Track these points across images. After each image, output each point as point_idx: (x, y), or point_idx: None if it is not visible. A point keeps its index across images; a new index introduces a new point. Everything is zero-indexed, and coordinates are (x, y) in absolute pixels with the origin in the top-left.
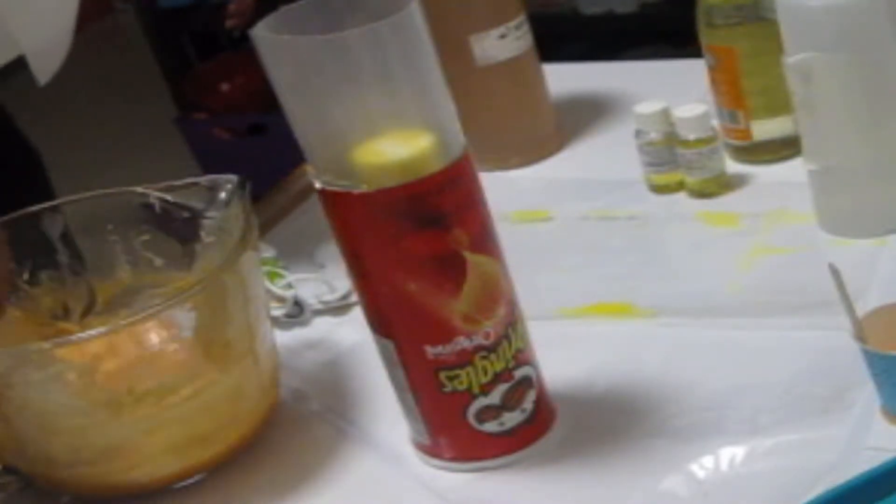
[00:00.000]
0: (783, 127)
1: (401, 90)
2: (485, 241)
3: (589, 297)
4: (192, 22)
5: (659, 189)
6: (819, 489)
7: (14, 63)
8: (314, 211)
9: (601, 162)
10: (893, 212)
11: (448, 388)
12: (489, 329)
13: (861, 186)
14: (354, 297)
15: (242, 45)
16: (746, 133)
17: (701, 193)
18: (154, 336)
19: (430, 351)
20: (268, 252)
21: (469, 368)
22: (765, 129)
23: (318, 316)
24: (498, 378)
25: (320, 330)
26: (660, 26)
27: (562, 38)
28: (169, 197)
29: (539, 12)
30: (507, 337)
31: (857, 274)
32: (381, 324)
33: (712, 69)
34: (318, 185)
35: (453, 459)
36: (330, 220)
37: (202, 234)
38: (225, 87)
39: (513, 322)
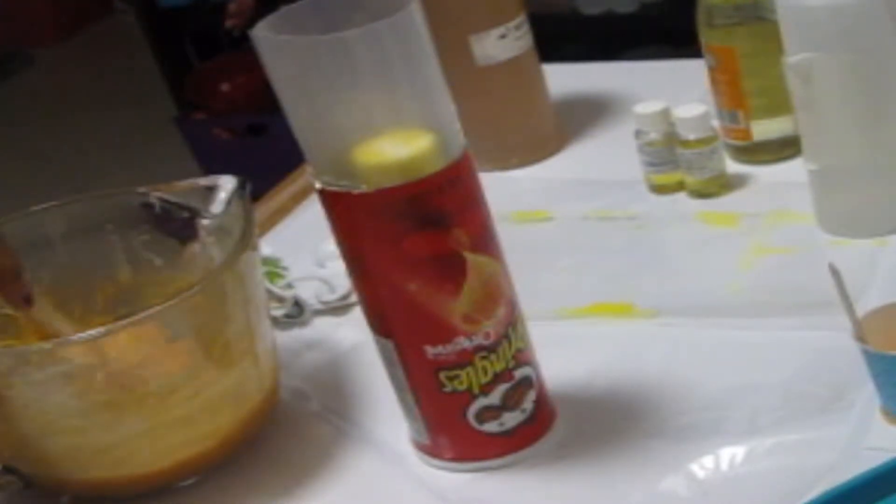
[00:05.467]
0: (783, 127)
1: (401, 90)
2: (485, 241)
3: (589, 297)
4: (192, 22)
5: (659, 189)
6: (819, 489)
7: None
8: (314, 211)
9: (601, 162)
10: (893, 212)
11: (448, 388)
12: (489, 329)
13: (861, 186)
14: (354, 297)
15: (242, 45)
16: (746, 133)
17: (701, 193)
18: (154, 336)
19: (430, 351)
20: (268, 252)
21: (469, 368)
22: (765, 129)
23: (318, 316)
24: (498, 378)
25: (320, 330)
26: (660, 26)
27: (562, 38)
28: (169, 197)
29: (539, 12)
30: (507, 337)
31: (857, 274)
32: (381, 324)
33: (712, 69)
34: (318, 185)
35: (453, 459)
36: (330, 220)
37: (202, 234)
38: (225, 87)
39: (513, 322)
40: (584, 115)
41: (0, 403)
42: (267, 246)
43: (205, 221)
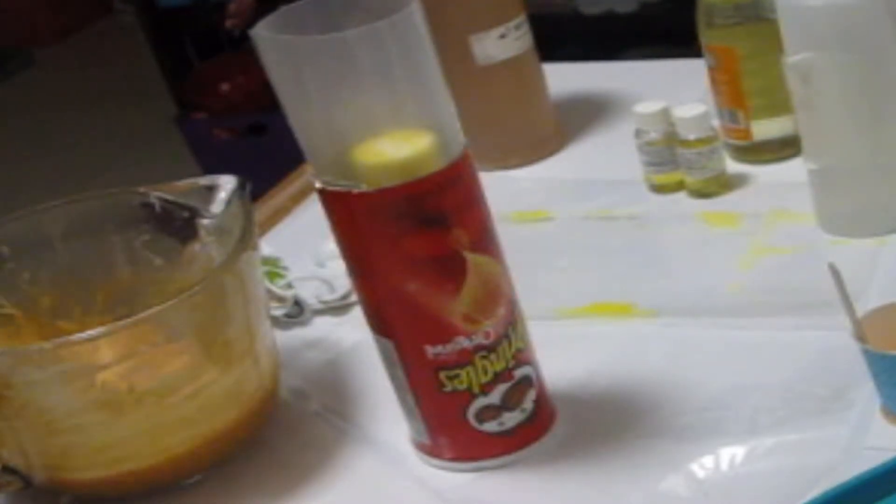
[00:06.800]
0: (783, 127)
1: (401, 90)
2: (485, 241)
3: (589, 297)
4: (192, 22)
5: (659, 189)
6: (819, 489)
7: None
8: (314, 211)
9: (601, 162)
10: (893, 212)
11: (448, 388)
12: (489, 329)
13: (861, 186)
14: (354, 297)
15: (242, 45)
16: (746, 133)
17: (701, 193)
18: (154, 336)
19: (430, 351)
20: (268, 252)
21: (469, 368)
22: (765, 129)
23: (318, 316)
24: (498, 378)
25: (320, 330)
26: (660, 26)
27: (562, 38)
28: (169, 197)
29: (539, 12)
30: (507, 337)
31: (857, 274)
32: (381, 324)
33: (712, 69)
34: (318, 185)
35: (453, 459)
36: (330, 220)
37: (202, 234)
38: (225, 87)
39: (513, 322)
40: (584, 115)
41: (0, 403)
42: (267, 246)
43: (205, 221)
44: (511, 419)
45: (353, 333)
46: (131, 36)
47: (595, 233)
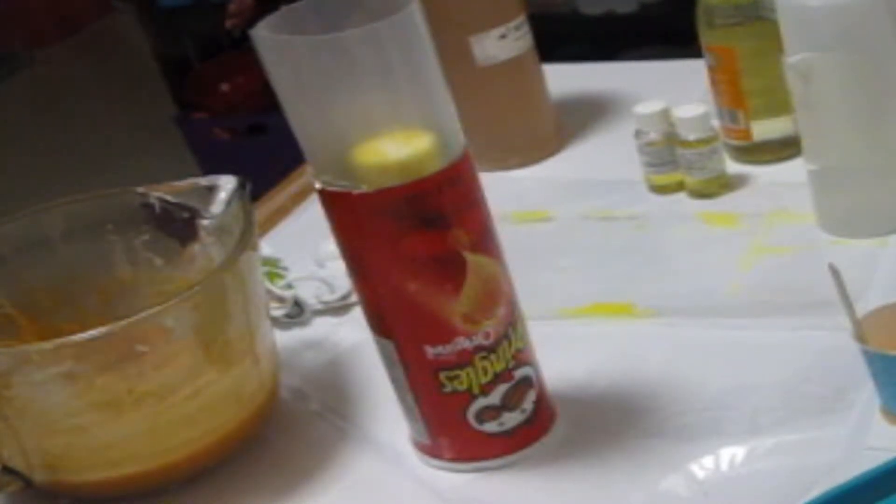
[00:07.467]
0: (783, 127)
1: (401, 90)
2: (485, 241)
3: (589, 297)
4: (192, 22)
5: (659, 189)
6: (819, 489)
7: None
8: (314, 211)
9: (601, 162)
10: (893, 212)
11: (448, 389)
12: (489, 329)
13: (861, 186)
14: (354, 297)
15: (242, 45)
16: (746, 133)
17: (701, 193)
18: (153, 336)
19: (430, 351)
20: (268, 252)
21: (469, 369)
22: (765, 129)
23: (318, 316)
24: (498, 378)
25: (320, 330)
26: (660, 26)
27: (562, 38)
28: (169, 197)
29: (539, 12)
30: (507, 337)
31: (857, 274)
32: (381, 324)
33: (712, 69)
34: (317, 185)
35: (453, 459)
36: (330, 220)
37: (202, 234)
38: (225, 87)
39: (513, 322)
40: (584, 115)
41: (0, 403)
42: (267, 246)
43: (205, 221)
44: (511, 419)
45: (353, 333)
46: (131, 36)
47: (595, 233)
